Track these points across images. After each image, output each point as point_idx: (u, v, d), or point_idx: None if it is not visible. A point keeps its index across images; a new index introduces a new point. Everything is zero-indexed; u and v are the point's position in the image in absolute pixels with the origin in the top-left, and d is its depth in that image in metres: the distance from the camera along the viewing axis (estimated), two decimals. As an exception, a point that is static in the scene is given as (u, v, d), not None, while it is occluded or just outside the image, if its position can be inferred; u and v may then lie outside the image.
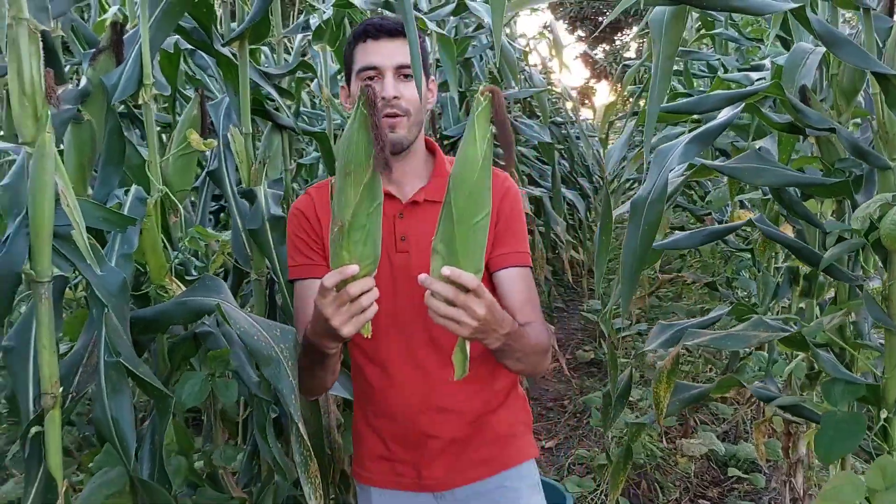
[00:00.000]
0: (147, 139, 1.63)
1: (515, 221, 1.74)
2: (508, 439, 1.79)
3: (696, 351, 4.69)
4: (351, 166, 1.27)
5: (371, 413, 1.77)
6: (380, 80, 1.63)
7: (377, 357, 1.70)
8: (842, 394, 1.82)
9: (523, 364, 1.60)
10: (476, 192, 1.26)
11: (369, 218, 1.29)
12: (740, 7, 1.48)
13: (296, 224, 1.73)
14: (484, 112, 1.23)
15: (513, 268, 1.70)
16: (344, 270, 1.29)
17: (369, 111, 1.24)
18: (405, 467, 1.74)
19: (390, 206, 1.66)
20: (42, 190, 1.20)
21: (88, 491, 1.49)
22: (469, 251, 1.28)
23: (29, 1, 1.16)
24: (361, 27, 1.68)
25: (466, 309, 1.30)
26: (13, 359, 1.37)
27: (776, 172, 1.80)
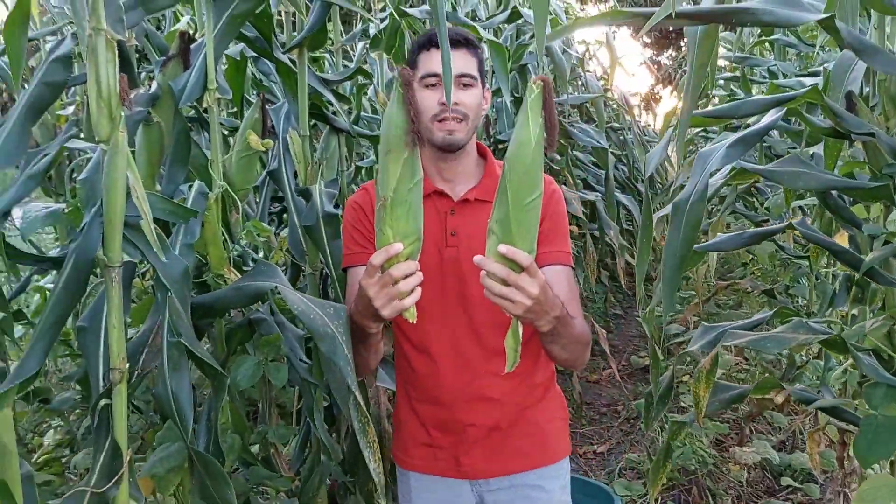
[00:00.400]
0: (210, 140, 1.76)
1: (559, 222, 1.82)
2: (546, 435, 1.87)
3: (754, 360, 4.65)
4: (391, 144, 1.34)
5: (414, 399, 1.85)
6: (441, 86, 1.72)
7: (422, 344, 1.79)
8: (883, 397, 1.83)
9: (567, 353, 1.67)
10: (530, 172, 1.34)
11: (410, 193, 1.36)
12: (769, 21, 1.51)
13: (352, 216, 1.84)
14: (536, 99, 1.31)
15: (557, 265, 1.78)
16: (389, 249, 1.37)
17: (405, 90, 1.32)
18: (444, 454, 1.82)
19: (442, 203, 1.78)
20: (115, 184, 1.32)
21: (151, 463, 1.61)
22: (523, 231, 1.35)
23: (107, 14, 1.28)
24: (426, 36, 1.78)
25: (520, 288, 1.37)
26: (86, 338, 1.50)
27: (815, 176, 1.82)
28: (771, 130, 3.04)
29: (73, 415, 2.63)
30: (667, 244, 1.90)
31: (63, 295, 1.36)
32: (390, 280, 1.39)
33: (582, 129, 4.23)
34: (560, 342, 1.62)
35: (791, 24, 1.58)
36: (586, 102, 4.81)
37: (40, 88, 1.41)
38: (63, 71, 1.45)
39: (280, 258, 2.30)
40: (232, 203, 1.86)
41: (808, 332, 1.87)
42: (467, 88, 1.75)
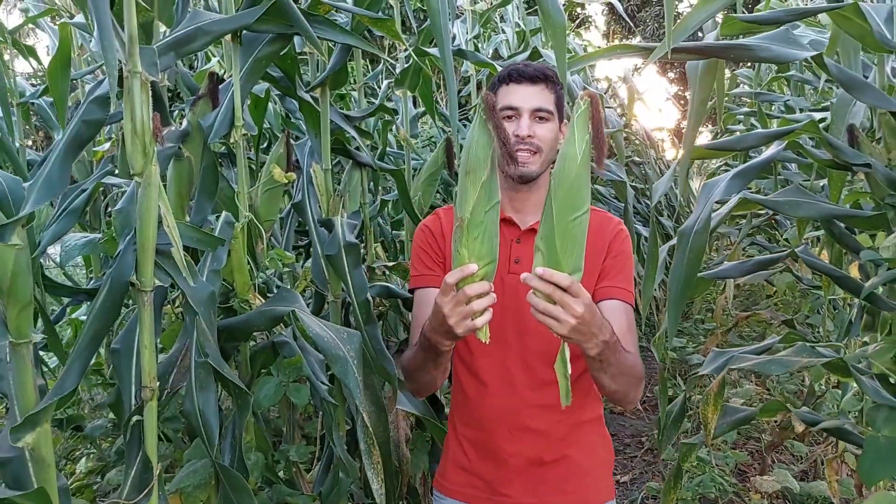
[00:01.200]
0: (237, 173, 1.87)
1: (624, 260, 1.83)
2: (589, 475, 1.83)
3: (775, 389, 4.66)
4: (471, 165, 1.37)
5: (460, 422, 1.88)
6: (517, 119, 1.78)
7: (474, 368, 1.81)
8: (885, 419, 1.87)
9: (617, 385, 1.63)
10: (575, 188, 1.32)
11: (487, 215, 1.37)
12: (765, 57, 1.60)
13: (422, 238, 1.90)
14: (583, 114, 1.31)
15: (616, 300, 1.78)
16: (464, 269, 1.39)
17: (488, 115, 1.35)
18: (481, 482, 1.82)
19: (510, 231, 1.83)
20: (148, 213, 1.43)
21: (179, 478, 1.70)
22: (567, 248, 1.34)
23: (142, 57, 1.40)
24: (506, 71, 1.83)
25: (565, 306, 1.37)
26: (119, 359, 1.60)
27: (815, 206, 1.90)
28: (782, 163, 3.12)
29: (104, 442, 2.73)
30: (672, 270, 1.98)
31: (98, 316, 1.47)
32: (464, 298, 1.41)
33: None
34: (609, 371, 1.58)
35: (785, 60, 1.67)
36: (608, 137, 4.90)
37: (80, 126, 1.53)
38: (101, 110, 1.57)
39: (304, 287, 2.41)
40: (257, 233, 1.97)
41: (812, 356, 1.93)
42: (543, 122, 1.78)
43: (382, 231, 3.50)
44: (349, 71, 2.37)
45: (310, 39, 1.80)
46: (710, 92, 1.75)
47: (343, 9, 2.02)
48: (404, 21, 6.28)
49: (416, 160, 3.55)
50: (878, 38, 1.74)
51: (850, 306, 3.37)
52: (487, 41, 4.65)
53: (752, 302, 6.74)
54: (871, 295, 1.93)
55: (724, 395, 2.21)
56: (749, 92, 4.37)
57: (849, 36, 1.90)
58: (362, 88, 2.73)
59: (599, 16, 18.77)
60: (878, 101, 1.62)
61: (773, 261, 2.17)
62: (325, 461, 2.37)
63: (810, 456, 4.11)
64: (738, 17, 1.66)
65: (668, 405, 2.28)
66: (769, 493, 3.70)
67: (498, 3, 3.84)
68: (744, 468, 4.25)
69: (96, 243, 1.71)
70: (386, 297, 2.63)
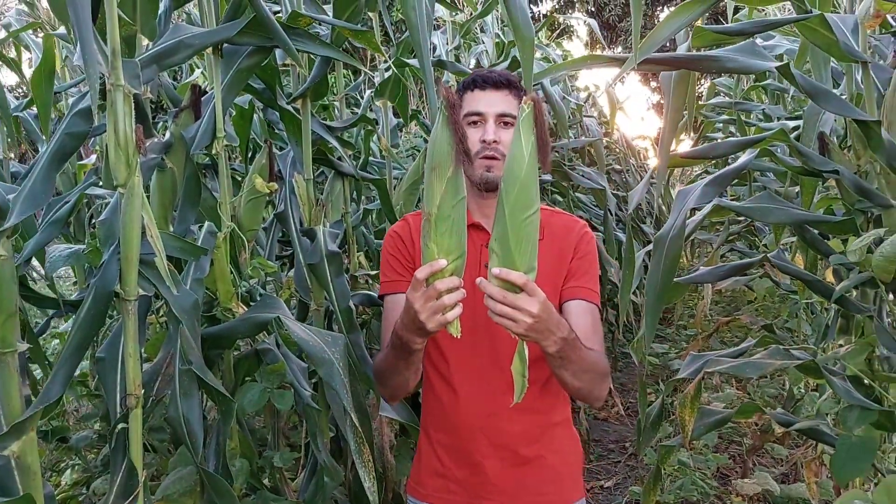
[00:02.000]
0: (219, 183, 1.90)
1: (589, 261, 1.86)
2: (562, 476, 1.86)
3: (755, 393, 4.72)
4: (436, 161, 1.40)
5: (433, 428, 1.88)
6: (483, 124, 1.80)
7: (448, 373, 1.82)
8: (856, 419, 1.92)
9: (580, 382, 1.66)
10: (525, 188, 1.36)
11: (454, 209, 1.40)
12: (733, 67, 1.65)
13: (391, 244, 1.91)
14: (528, 118, 1.36)
15: (581, 300, 1.81)
16: (434, 264, 1.41)
17: (449, 112, 1.38)
18: (457, 487, 1.83)
19: (479, 237, 1.83)
20: (131, 224, 1.45)
21: (164, 485, 1.72)
22: (521, 247, 1.38)
23: (125, 70, 1.43)
24: (470, 78, 1.85)
25: (518, 307, 1.40)
26: (104, 368, 1.62)
27: (785, 212, 1.95)
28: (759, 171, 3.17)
29: (90, 453, 2.74)
30: (649, 276, 2.02)
31: (83, 326, 1.49)
32: (435, 293, 1.43)
33: (583, 171, 4.37)
34: (570, 368, 1.60)
35: (752, 70, 1.72)
36: (587, 146, 4.96)
37: (63, 139, 1.55)
38: (85, 122, 1.60)
39: (287, 295, 2.43)
40: (240, 243, 2.00)
41: (786, 358, 1.97)
42: (508, 127, 1.79)
43: (366, 240, 3.52)
44: (331, 82, 2.40)
45: (289, 52, 1.83)
46: (684, 102, 1.79)
47: (323, 21, 2.06)
48: (385, 32, 6.32)
49: (398, 169, 3.59)
50: (844, 49, 1.79)
51: (826, 311, 3.43)
52: (468, 51, 4.70)
53: (733, 307, 6.81)
54: (843, 298, 1.98)
55: (706, 400, 2.26)
56: (728, 102, 4.44)
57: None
58: (344, 99, 2.76)
59: (581, 26, 18.90)
60: (842, 109, 1.67)
61: (748, 266, 2.21)
62: (309, 468, 2.39)
63: (790, 459, 4.16)
64: (707, 28, 1.71)
65: (647, 408, 2.32)
66: (750, 495, 3.74)
67: (477, 14, 3.89)
68: (725, 471, 4.30)
69: (80, 254, 1.73)
70: (368, 306, 2.66)
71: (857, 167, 2.07)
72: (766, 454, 4.37)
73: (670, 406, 3.03)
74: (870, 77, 1.84)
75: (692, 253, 7.58)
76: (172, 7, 1.91)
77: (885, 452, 2.07)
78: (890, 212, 1.87)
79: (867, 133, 1.65)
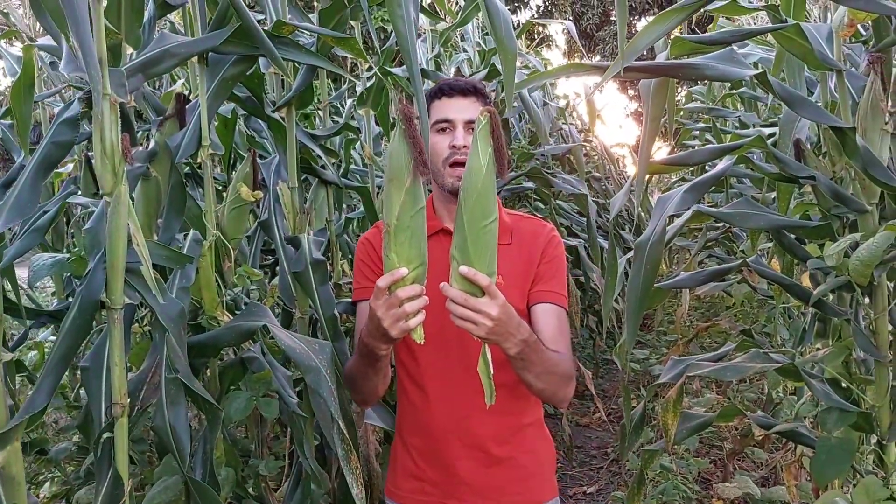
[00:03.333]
0: (204, 192, 1.90)
1: (556, 265, 1.91)
2: (534, 477, 1.90)
3: (735, 398, 4.76)
4: (394, 173, 1.44)
5: (407, 431, 1.92)
6: (452, 131, 1.85)
7: (420, 378, 1.86)
8: (836, 421, 1.95)
9: (543, 383, 1.69)
10: (482, 197, 1.42)
11: (413, 220, 1.44)
12: (712, 75, 1.68)
13: (363, 252, 1.95)
14: (485, 129, 1.41)
15: (548, 304, 1.85)
16: (394, 273, 1.45)
17: (406, 125, 1.41)
18: (432, 488, 1.86)
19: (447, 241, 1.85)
20: (117, 232, 1.45)
21: (150, 495, 1.71)
22: (480, 254, 1.43)
23: (111, 79, 1.43)
24: (437, 86, 1.91)
25: (479, 311, 1.45)
26: (89, 377, 1.62)
27: (763, 217, 1.98)
28: (737, 177, 3.22)
29: (69, 465, 2.71)
30: (630, 281, 2.04)
31: (69, 335, 1.49)
32: (397, 301, 1.47)
33: (564, 178, 4.40)
34: (533, 370, 1.64)
35: (731, 78, 1.75)
36: (567, 153, 4.99)
37: (50, 147, 1.55)
38: (70, 132, 1.60)
39: (272, 303, 2.43)
40: (225, 251, 2.00)
41: (765, 361, 2.00)
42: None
43: (349, 249, 3.53)
44: (314, 90, 2.41)
45: (275, 61, 1.84)
46: (663, 109, 1.82)
47: (307, 30, 2.07)
48: (366, 40, 6.33)
49: (381, 178, 3.59)
50: (819, 57, 1.83)
51: (803, 315, 3.48)
52: (450, 59, 4.72)
53: (712, 313, 6.87)
54: (820, 302, 2.01)
55: (687, 404, 2.28)
56: (704, 108, 4.49)
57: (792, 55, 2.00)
58: (327, 107, 2.77)
59: (560, 35, 19.04)
60: (818, 116, 1.70)
61: (727, 271, 2.24)
62: (294, 476, 2.39)
63: (770, 462, 4.20)
64: (686, 38, 1.74)
65: (630, 413, 2.34)
66: (731, 499, 3.78)
67: (456, 23, 3.92)
68: (706, 476, 4.34)
69: (64, 263, 1.73)
70: (353, 314, 2.66)
71: (832, 173, 2.11)
72: (747, 458, 4.41)
73: (652, 411, 3.06)
74: (844, 85, 1.88)
75: (671, 259, 7.65)
76: (157, 16, 1.91)
77: (864, 454, 2.10)
78: (865, 216, 1.91)
79: (843, 140, 1.68)
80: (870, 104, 1.82)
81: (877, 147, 1.80)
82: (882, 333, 1.96)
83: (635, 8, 18.71)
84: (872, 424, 1.97)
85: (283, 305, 2.46)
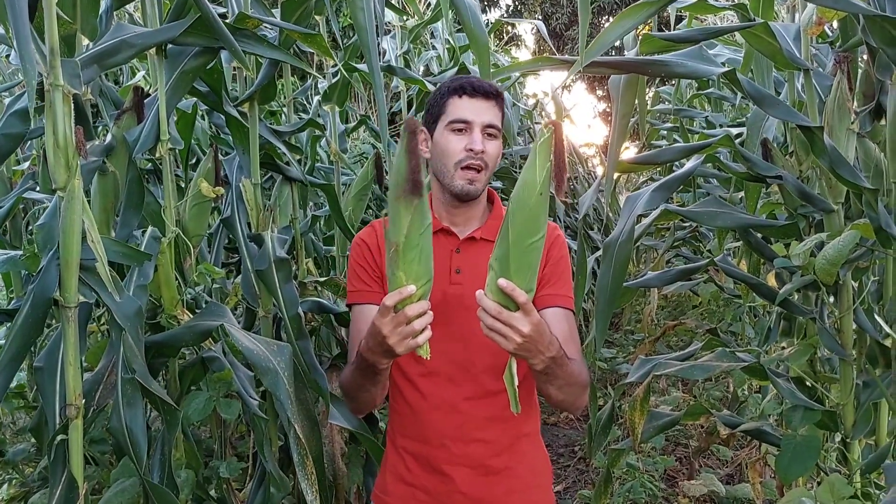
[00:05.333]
0: (164, 188, 1.85)
1: (562, 267, 1.85)
2: (531, 488, 1.84)
3: (702, 397, 4.80)
4: (400, 190, 1.37)
5: (400, 435, 1.84)
6: (469, 133, 1.76)
7: (417, 379, 1.79)
8: (801, 419, 1.96)
9: (564, 394, 1.66)
10: (533, 215, 1.35)
11: (421, 237, 1.38)
12: (681, 73, 1.68)
13: (357, 253, 1.86)
14: (546, 142, 1.32)
15: (557, 308, 1.80)
16: (403, 291, 1.39)
17: (409, 138, 1.34)
18: (424, 495, 1.79)
19: (449, 242, 1.82)
20: (71, 228, 1.41)
21: (107, 497, 1.66)
22: (521, 270, 1.38)
23: (64, 70, 1.39)
24: (458, 82, 1.80)
25: (511, 326, 1.41)
26: (43, 377, 1.57)
27: (730, 216, 1.98)
28: (704, 177, 3.23)
29: (27, 467, 2.64)
30: (599, 280, 2.03)
31: (20, 334, 1.43)
32: (405, 319, 1.42)
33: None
34: (556, 383, 1.62)
35: (700, 75, 1.74)
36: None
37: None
38: (21, 124, 1.54)
39: (234, 302, 2.39)
40: (185, 249, 1.95)
41: (732, 360, 2.00)
42: (492, 139, 1.77)
43: (315, 247, 3.48)
44: (278, 87, 2.37)
45: (235, 54, 1.79)
46: (633, 107, 1.81)
47: (271, 24, 2.03)
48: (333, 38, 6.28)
49: (347, 175, 3.56)
50: (787, 56, 1.83)
51: (769, 314, 3.51)
52: (418, 57, 4.69)
53: (679, 312, 6.92)
54: (786, 301, 2.02)
55: (654, 403, 2.28)
56: (671, 108, 4.52)
57: (761, 54, 2.00)
58: (292, 104, 2.73)
59: (529, 34, 19.10)
60: (787, 115, 1.70)
61: (695, 270, 2.25)
62: (257, 478, 2.34)
63: (735, 460, 4.24)
64: (655, 35, 1.73)
65: (597, 413, 2.34)
66: (696, 496, 3.80)
67: (427, 19, 3.89)
68: (672, 473, 4.36)
69: (17, 260, 1.67)
70: (318, 313, 2.62)
71: (799, 172, 2.12)
72: (712, 456, 4.44)
73: (619, 410, 3.05)
74: (812, 84, 1.89)
75: (638, 259, 7.69)
76: (114, 6, 1.86)
77: (828, 451, 2.12)
78: (831, 216, 1.92)
79: (811, 139, 1.68)
80: (836, 103, 1.83)
81: (843, 146, 1.80)
82: (847, 332, 1.97)
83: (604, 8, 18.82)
84: (837, 422, 1.98)
85: (247, 304, 2.42)
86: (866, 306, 2.00)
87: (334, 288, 2.66)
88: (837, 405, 1.98)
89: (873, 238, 1.73)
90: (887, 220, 1.66)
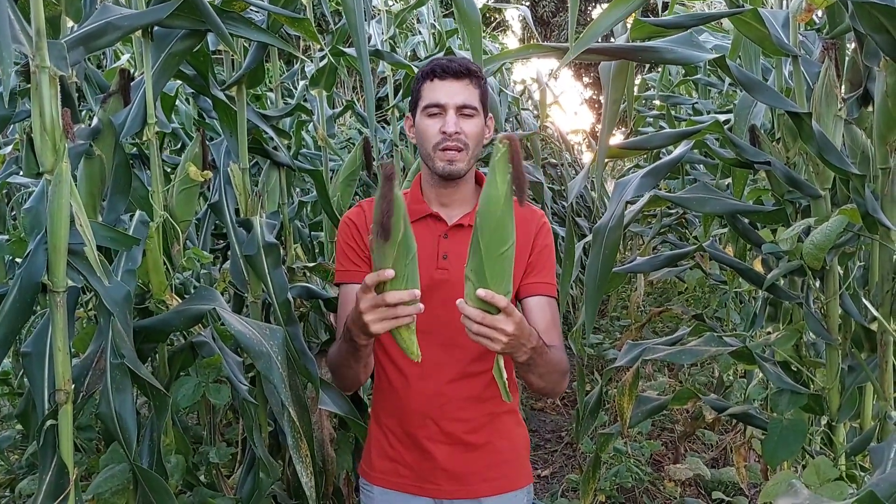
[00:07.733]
0: (151, 172, 1.84)
1: (547, 255, 1.91)
2: (510, 462, 1.91)
3: (687, 381, 4.83)
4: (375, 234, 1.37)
5: (384, 413, 1.90)
6: (443, 115, 1.79)
7: (399, 358, 1.83)
8: (787, 403, 1.97)
9: (545, 381, 1.72)
10: (500, 227, 1.38)
11: (407, 268, 1.41)
12: (671, 59, 1.68)
13: (346, 233, 1.90)
14: (503, 157, 1.35)
15: (541, 296, 1.86)
16: (381, 273, 1.40)
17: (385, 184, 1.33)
18: (407, 470, 1.85)
19: (437, 227, 1.85)
20: (59, 211, 1.39)
21: (96, 483, 1.66)
22: (496, 278, 1.41)
23: (50, 52, 1.37)
24: (430, 66, 1.83)
25: (496, 328, 1.44)
26: (31, 363, 1.55)
27: (719, 202, 1.99)
28: (691, 164, 3.24)
29: (13, 454, 2.63)
30: (588, 267, 2.04)
31: (8, 319, 1.42)
32: (382, 302, 1.44)
33: (518, 163, 4.38)
34: (537, 371, 1.67)
35: (690, 62, 1.74)
36: (524, 139, 4.98)
37: (-16, 124, 1.48)
38: (6, 107, 1.52)
39: (223, 287, 2.37)
40: (173, 234, 1.94)
41: (719, 345, 2.02)
42: (468, 118, 1.80)
43: (301, 233, 3.47)
44: (266, 71, 2.35)
45: (222, 37, 1.78)
46: (622, 93, 1.81)
47: (259, 6, 2.01)
48: (319, 22, 6.24)
49: (334, 161, 3.54)
50: (776, 43, 1.84)
51: (754, 299, 3.53)
52: (404, 42, 4.67)
53: (665, 298, 6.95)
54: (773, 286, 2.03)
55: (641, 388, 2.29)
56: (659, 94, 4.52)
57: (749, 40, 2.00)
58: (279, 88, 2.71)
59: (516, 21, 19.03)
60: (775, 101, 1.71)
61: (682, 255, 2.25)
62: (247, 464, 2.34)
63: (720, 444, 4.28)
64: (646, 21, 1.73)
65: (585, 398, 2.35)
66: (682, 480, 3.84)
67: (413, 4, 3.87)
68: (658, 458, 4.40)
69: (2, 245, 1.65)
70: (307, 299, 2.61)
71: (786, 158, 2.13)
72: (698, 440, 4.48)
73: (606, 395, 3.07)
74: (800, 70, 1.89)
75: (625, 245, 7.72)
76: (100, -12, 1.84)
77: (813, 435, 2.14)
78: (818, 202, 1.93)
79: (799, 125, 1.69)
80: (824, 90, 1.83)
81: (830, 132, 1.81)
82: (833, 317, 1.98)
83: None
84: (822, 406, 2.00)
85: (236, 290, 2.41)
86: (852, 291, 2.01)
87: (323, 273, 2.65)
88: (823, 389, 2.00)
89: (860, 223, 1.74)
90: (874, 206, 1.67)
